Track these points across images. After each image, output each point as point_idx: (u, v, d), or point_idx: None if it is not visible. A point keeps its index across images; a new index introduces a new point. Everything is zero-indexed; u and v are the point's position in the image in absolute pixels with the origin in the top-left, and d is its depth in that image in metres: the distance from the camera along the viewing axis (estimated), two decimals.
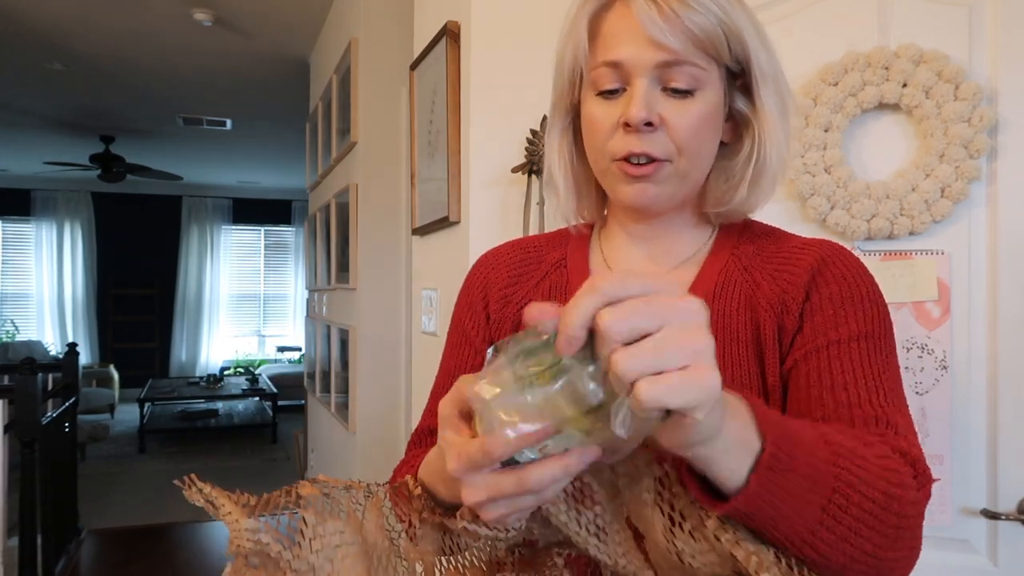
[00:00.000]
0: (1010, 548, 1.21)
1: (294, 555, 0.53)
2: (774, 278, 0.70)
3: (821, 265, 0.69)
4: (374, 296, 3.10)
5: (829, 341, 0.64)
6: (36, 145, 6.61)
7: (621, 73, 0.66)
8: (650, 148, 0.66)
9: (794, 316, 0.67)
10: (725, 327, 0.69)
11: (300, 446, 5.07)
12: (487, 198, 1.73)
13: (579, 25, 0.69)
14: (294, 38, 4.04)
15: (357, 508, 0.58)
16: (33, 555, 2.92)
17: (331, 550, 0.54)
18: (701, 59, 0.65)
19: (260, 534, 0.52)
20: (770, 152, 0.70)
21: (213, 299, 8.91)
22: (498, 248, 0.86)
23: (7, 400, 2.85)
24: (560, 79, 0.74)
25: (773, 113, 0.69)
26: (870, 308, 0.66)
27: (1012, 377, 1.21)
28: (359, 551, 0.55)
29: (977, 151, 1.21)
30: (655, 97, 0.65)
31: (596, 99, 0.69)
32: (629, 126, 0.66)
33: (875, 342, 0.65)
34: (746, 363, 0.68)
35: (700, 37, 0.64)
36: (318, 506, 0.55)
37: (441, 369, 0.85)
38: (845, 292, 0.67)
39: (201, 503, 0.52)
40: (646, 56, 0.64)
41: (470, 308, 0.83)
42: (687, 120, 0.66)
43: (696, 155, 0.68)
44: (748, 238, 0.76)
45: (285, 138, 6.33)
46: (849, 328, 0.65)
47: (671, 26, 0.63)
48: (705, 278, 0.73)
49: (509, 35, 1.72)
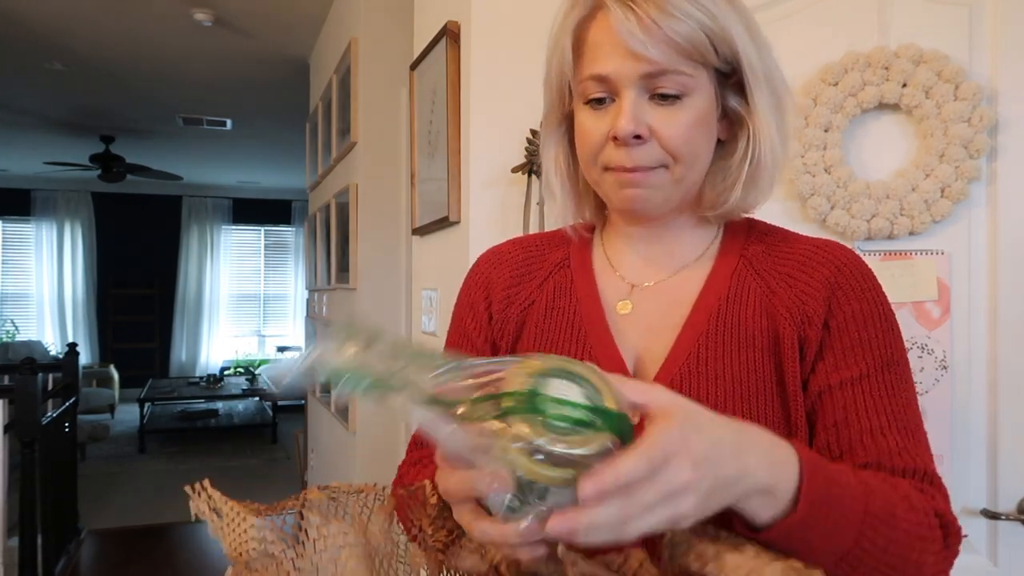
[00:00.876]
0: (1010, 548, 1.21)
1: (298, 554, 0.53)
2: (789, 284, 0.70)
3: (837, 275, 0.69)
4: (374, 296, 3.10)
5: (860, 374, 0.66)
6: (36, 145, 6.61)
7: (608, 85, 0.66)
8: (641, 161, 0.66)
9: (816, 328, 0.67)
10: (741, 333, 0.69)
11: (300, 446, 5.07)
12: (487, 198, 1.73)
13: (563, 37, 0.69)
14: (294, 38, 4.04)
15: (364, 511, 0.58)
16: (33, 555, 2.92)
17: (335, 551, 0.54)
18: (687, 66, 0.64)
19: (265, 531, 0.52)
20: (765, 150, 0.69)
21: (213, 299, 8.91)
22: (500, 246, 0.85)
23: (7, 400, 2.85)
24: (549, 90, 0.74)
25: (767, 111, 0.69)
26: (890, 329, 0.68)
27: (1012, 377, 1.21)
28: (362, 553, 0.56)
29: (977, 151, 1.21)
30: (643, 108, 0.65)
31: (586, 109, 0.69)
32: (618, 139, 0.66)
33: (898, 369, 0.67)
34: (762, 369, 0.67)
35: (683, 45, 0.63)
36: (323, 508, 0.55)
37: None
38: (867, 309, 0.68)
39: (205, 513, 0.52)
40: (629, 68, 0.64)
41: (471, 308, 0.82)
42: (677, 128, 0.65)
43: (691, 160, 0.68)
44: (756, 238, 0.76)
45: (285, 138, 6.33)
46: (875, 355, 0.67)
47: (651, 37, 0.62)
48: (716, 282, 0.72)
49: (509, 35, 1.72)
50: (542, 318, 0.77)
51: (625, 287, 0.76)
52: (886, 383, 0.66)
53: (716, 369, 0.67)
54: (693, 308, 0.71)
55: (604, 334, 0.72)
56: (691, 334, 0.70)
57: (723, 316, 0.70)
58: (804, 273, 0.70)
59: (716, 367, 0.67)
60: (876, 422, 0.65)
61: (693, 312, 0.71)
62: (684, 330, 0.70)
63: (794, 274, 0.70)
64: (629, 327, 0.73)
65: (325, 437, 3.97)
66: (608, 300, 0.76)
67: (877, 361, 0.67)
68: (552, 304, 0.77)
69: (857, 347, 0.67)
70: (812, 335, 0.67)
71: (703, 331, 0.69)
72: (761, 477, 0.50)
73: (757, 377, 0.67)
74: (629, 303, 0.74)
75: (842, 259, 0.70)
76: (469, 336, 0.81)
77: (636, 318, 0.74)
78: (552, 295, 0.78)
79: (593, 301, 0.75)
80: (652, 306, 0.74)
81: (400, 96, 3.00)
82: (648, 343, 0.72)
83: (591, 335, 0.73)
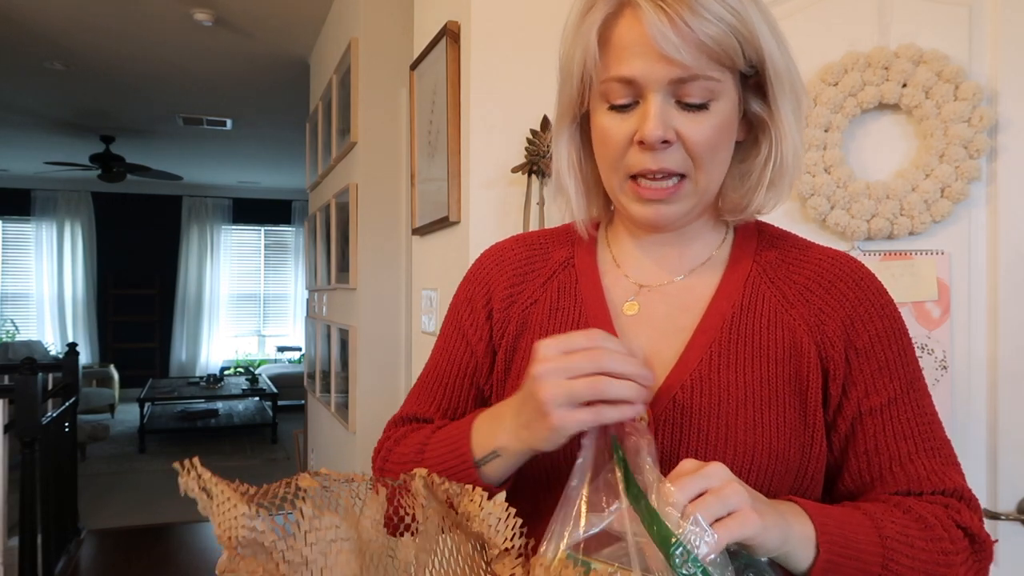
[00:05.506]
0: (1010, 548, 1.21)
1: (288, 546, 0.52)
2: (806, 298, 0.70)
3: (856, 291, 0.70)
4: (374, 296, 3.10)
5: (889, 399, 0.68)
6: (36, 145, 6.61)
7: (634, 88, 0.64)
8: (666, 164, 0.65)
9: (839, 349, 0.68)
10: (756, 343, 0.68)
11: (300, 446, 5.07)
12: (487, 198, 1.73)
13: (589, 34, 0.65)
14: (294, 38, 4.04)
15: (356, 503, 0.58)
16: (33, 555, 2.92)
17: (326, 544, 0.54)
18: (715, 71, 0.62)
19: (256, 521, 0.51)
20: (787, 152, 0.68)
21: (213, 299, 8.91)
22: (503, 243, 0.84)
23: (7, 400, 2.85)
24: (568, 87, 0.71)
25: (789, 115, 0.68)
26: (908, 343, 0.71)
27: (1012, 377, 1.21)
28: (353, 547, 0.55)
29: (977, 151, 1.21)
30: (669, 112, 0.63)
31: (608, 112, 0.66)
32: (644, 143, 0.64)
33: (919, 384, 0.70)
34: (775, 379, 0.67)
35: (714, 49, 0.61)
36: (316, 499, 0.55)
37: (431, 360, 0.83)
38: (888, 326, 0.69)
39: (195, 492, 0.51)
40: (659, 72, 0.62)
41: (470, 303, 0.81)
42: (703, 135, 0.64)
43: (712, 167, 0.67)
44: (767, 242, 0.75)
45: (285, 138, 6.33)
46: (901, 375, 0.69)
47: (683, 40, 0.60)
48: (729, 288, 0.72)
49: (509, 35, 1.72)
50: (546, 318, 0.76)
51: (632, 287, 0.75)
52: (912, 403, 0.68)
53: (728, 377, 0.67)
54: (705, 314, 0.71)
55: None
56: (703, 340, 0.69)
57: (737, 324, 0.69)
58: (821, 287, 0.70)
59: (728, 375, 0.67)
60: (905, 448, 0.67)
61: (705, 318, 0.70)
62: (696, 335, 0.69)
63: (811, 287, 0.70)
64: (635, 329, 0.72)
65: (325, 437, 3.97)
66: (614, 301, 0.75)
67: (903, 382, 0.68)
68: (556, 304, 0.76)
69: (884, 369, 0.68)
70: (835, 355, 0.68)
71: (715, 338, 0.69)
72: (796, 529, 0.58)
73: (771, 387, 0.67)
74: (636, 304, 0.74)
75: (857, 274, 0.71)
76: (463, 330, 0.80)
77: (643, 320, 0.73)
78: (556, 295, 0.77)
79: (599, 302, 0.74)
80: (660, 308, 0.73)
81: (400, 96, 3.00)
82: (656, 346, 0.71)
83: None
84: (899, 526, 0.61)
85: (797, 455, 0.66)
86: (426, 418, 0.79)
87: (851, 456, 0.68)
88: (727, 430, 0.65)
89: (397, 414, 0.82)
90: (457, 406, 0.79)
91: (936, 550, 0.61)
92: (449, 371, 0.80)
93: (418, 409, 0.81)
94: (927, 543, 0.61)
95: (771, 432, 0.65)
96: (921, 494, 0.66)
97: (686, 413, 0.66)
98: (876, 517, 0.61)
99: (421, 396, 0.81)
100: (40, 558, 3.02)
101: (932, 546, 0.61)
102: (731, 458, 0.64)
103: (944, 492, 0.66)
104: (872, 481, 0.67)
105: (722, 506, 0.53)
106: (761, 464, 0.64)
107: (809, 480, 0.67)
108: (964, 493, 0.67)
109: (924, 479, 0.66)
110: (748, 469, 0.64)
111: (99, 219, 8.57)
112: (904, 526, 0.61)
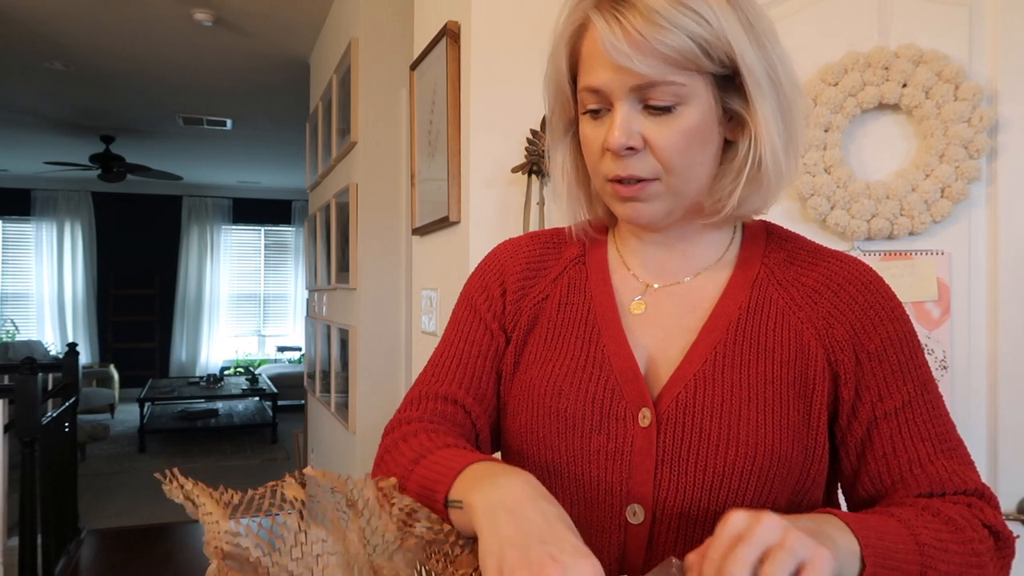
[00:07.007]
0: None
1: (274, 561, 0.52)
2: (814, 300, 0.70)
3: (865, 294, 0.70)
4: (374, 296, 3.10)
5: (904, 402, 0.68)
6: (36, 145, 6.61)
7: (601, 97, 0.66)
8: (635, 171, 0.66)
9: (849, 353, 0.68)
10: (762, 344, 0.69)
11: (300, 446, 5.07)
12: (487, 198, 1.73)
13: (559, 50, 0.69)
14: (294, 38, 4.04)
15: (342, 516, 0.56)
16: (33, 555, 2.92)
17: (312, 559, 0.53)
18: (678, 76, 0.62)
19: (240, 538, 0.51)
20: (766, 152, 0.67)
21: (213, 299, 8.91)
22: (518, 239, 0.85)
23: (7, 400, 2.85)
24: (551, 100, 0.74)
25: (767, 112, 0.66)
26: (917, 345, 0.71)
27: (1012, 377, 1.21)
28: (340, 562, 0.54)
29: (977, 151, 1.21)
30: (636, 119, 0.65)
31: (586, 119, 0.69)
32: (610, 151, 0.66)
33: (931, 385, 0.70)
34: (779, 380, 0.67)
35: (673, 57, 0.61)
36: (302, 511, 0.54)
37: (444, 343, 0.81)
38: (899, 329, 0.70)
39: (180, 499, 0.51)
40: (619, 81, 0.63)
41: (485, 290, 0.81)
42: (670, 139, 0.64)
43: (686, 170, 0.66)
44: (775, 244, 0.75)
45: (285, 138, 6.33)
46: (914, 378, 0.69)
47: (636, 49, 0.61)
48: (736, 289, 0.72)
49: (509, 35, 1.72)
50: (556, 313, 0.77)
51: (639, 287, 0.76)
52: (927, 404, 0.69)
53: (732, 377, 0.67)
54: (711, 315, 0.71)
55: (618, 333, 0.72)
56: (708, 340, 0.69)
57: (743, 325, 0.70)
58: (830, 291, 0.70)
59: (732, 375, 0.67)
60: (924, 450, 0.68)
61: (711, 319, 0.71)
62: (701, 335, 0.70)
63: (820, 290, 0.71)
64: (642, 327, 0.73)
65: (325, 437, 3.97)
66: (622, 299, 0.76)
67: (916, 384, 0.69)
68: (566, 300, 0.77)
69: (897, 372, 0.69)
70: (845, 359, 0.68)
71: (721, 339, 0.69)
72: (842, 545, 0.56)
73: (775, 388, 0.67)
74: (643, 303, 0.74)
75: (867, 278, 0.71)
76: (479, 312, 0.80)
77: (649, 319, 0.73)
78: (566, 291, 0.78)
79: (607, 299, 0.75)
80: (667, 308, 0.73)
81: (400, 96, 3.00)
82: (662, 345, 0.71)
83: (604, 333, 0.73)
84: (933, 531, 0.61)
85: (800, 457, 0.66)
86: (452, 397, 0.77)
87: (869, 460, 0.68)
88: (730, 430, 0.65)
89: (415, 391, 0.79)
90: (479, 386, 0.77)
91: (968, 551, 0.62)
92: (469, 351, 0.79)
93: (439, 388, 0.77)
94: (959, 545, 0.61)
95: (774, 433, 0.65)
96: (944, 495, 0.66)
97: (689, 412, 0.66)
98: (911, 524, 0.61)
99: (440, 374, 0.79)
100: (40, 558, 3.02)
101: (964, 548, 0.62)
102: (733, 458, 0.64)
103: (966, 492, 0.66)
104: (893, 484, 0.67)
105: (794, 559, 0.49)
106: (763, 465, 0.64)
107: (810, 482, 0.67)
108: (984, 492, 0.68)
109: (946, 480, 0.66)
110: (750, 470, 0.64)
111: (99, 219, 8.57)
112: (937, 531, 0.61)
